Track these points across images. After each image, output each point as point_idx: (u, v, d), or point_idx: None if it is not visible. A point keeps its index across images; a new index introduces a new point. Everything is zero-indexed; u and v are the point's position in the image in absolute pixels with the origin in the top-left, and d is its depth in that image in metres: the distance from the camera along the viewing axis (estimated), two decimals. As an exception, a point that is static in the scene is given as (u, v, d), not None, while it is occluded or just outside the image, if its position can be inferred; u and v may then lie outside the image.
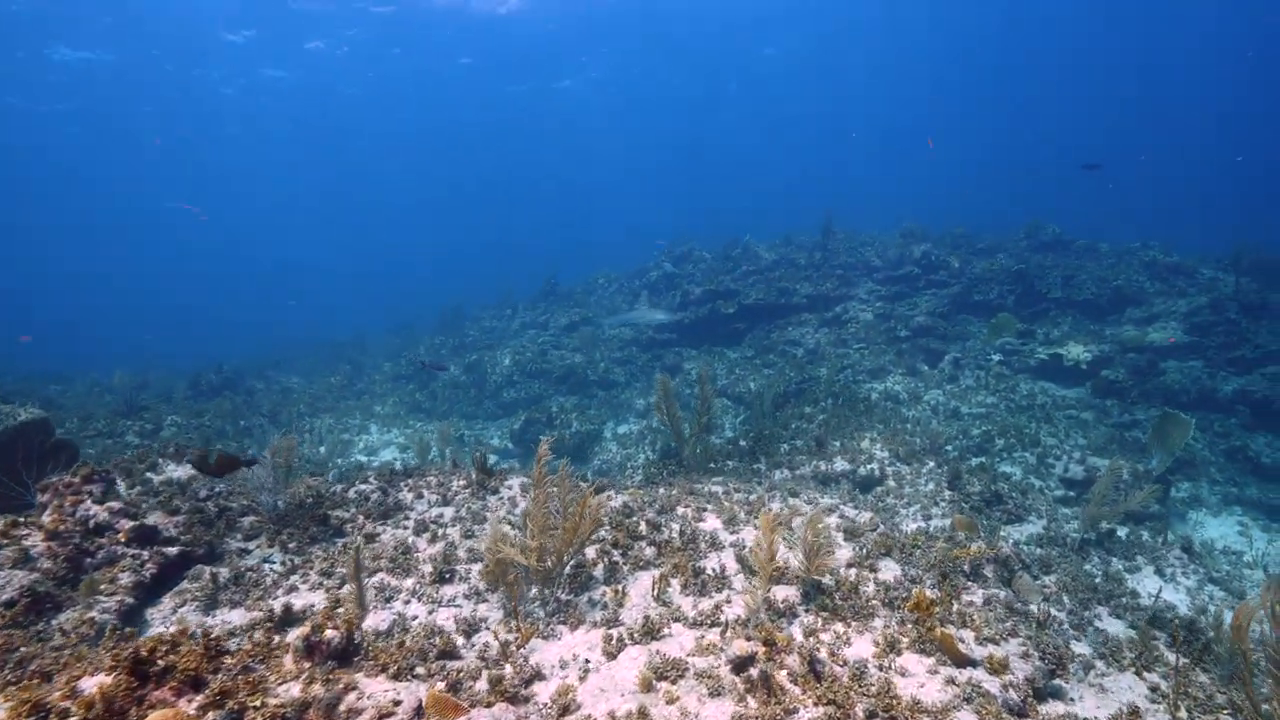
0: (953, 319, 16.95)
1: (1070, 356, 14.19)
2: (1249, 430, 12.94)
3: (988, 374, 14.45)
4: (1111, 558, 7.56)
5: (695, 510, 7.13)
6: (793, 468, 9.59)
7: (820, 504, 7.62)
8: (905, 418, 12.76)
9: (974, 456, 11.32)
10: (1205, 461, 12.00)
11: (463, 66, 41.18)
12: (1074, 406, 13.30)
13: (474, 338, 22.18)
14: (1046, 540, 7.81)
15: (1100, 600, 6.15)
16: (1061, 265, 18.34)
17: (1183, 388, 13.33)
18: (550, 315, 23.19)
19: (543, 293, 24.86)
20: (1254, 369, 13.74)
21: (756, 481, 8.93)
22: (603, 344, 20.41)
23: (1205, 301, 14.95)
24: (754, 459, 10.44)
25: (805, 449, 10.39)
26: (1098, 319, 16.10)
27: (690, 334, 19.64)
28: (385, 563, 5.87)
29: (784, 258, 21.30)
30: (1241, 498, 11.19)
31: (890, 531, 6.93)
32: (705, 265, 22.30)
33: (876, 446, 10.31)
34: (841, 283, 18.98)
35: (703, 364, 16.92)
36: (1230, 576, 7.32)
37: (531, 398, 18.00)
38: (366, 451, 14.95)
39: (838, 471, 9.36)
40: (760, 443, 11.10)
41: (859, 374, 15.40)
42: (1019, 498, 8.98)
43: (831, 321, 17.99)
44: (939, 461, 9.92)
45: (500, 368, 19.31)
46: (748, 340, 18.77)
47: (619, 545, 6.07)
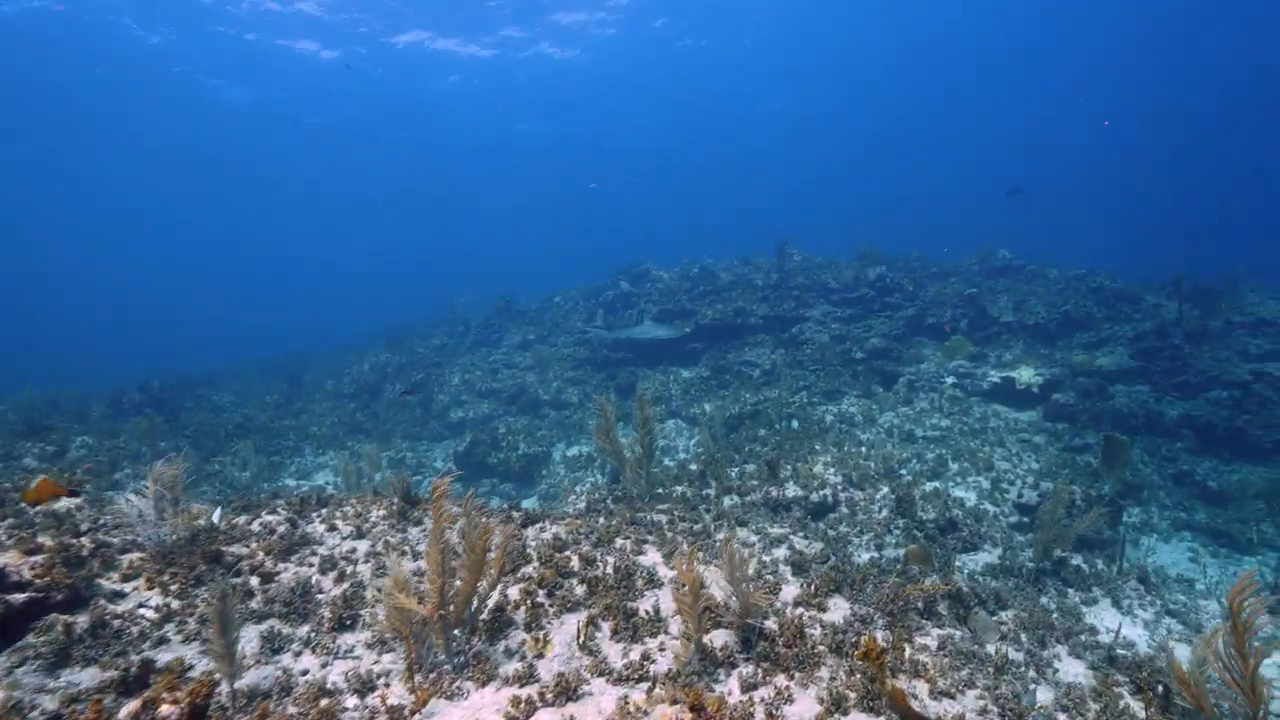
0: (907, 341, 16.90)
1: (1022, 380, 14.18)
2: (1195, 455, 13.04)
3: (941, 397, 14.34)
4: (1068, 589, 7.28)
5: (635, 542, 6.61)
6: (743, 494, 9.15)
7: (769, 534, 7.18)
8: (860, 441, 12.50)
9: (928, 481, 11.06)
10: (1155, 486, 12.00)
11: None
12: (1026, 430, 13.24)
13: (422, 355, 21.35)
14: (1001, 570, 7.51)
15: (1059, 638, 5.82)
16: (1013, 290, 18.55)
17: (1131, 412, 13.40)
18: (504, 333, 22.53)
19: (498, 310, 24.19)
20: (1198, 394, 13.92)
21: (705, 509, 8.46)
22: (556, 363, 19.82)
23: (1150, 327, 15.18)
24: (704, 484, 9.98)
25: (757, 473, 9.98)
26: (1048, 343, 16.22)
27: (646, 354, 19.21)
28: (279, 606, 5.18)
29: (741, 278, 21.13)
30: (1191, 523, 11.17)
31: (841, 564, 6.52)
32: (663, 285, 21.98)
33: (830, 471, 9.96)
34: (798, 304, 18.84)
35: (644, 387, 16.50)
36: (1186, 609, 7.11)
37: (480, 418, 17.29)
38: (298, 475, 14.02)
39: (789, 498, 8.96)
40: (711, 467, 10.66)
41: (814, 396, 15.15)
42: (973, 525, 8.69)
43: (787, 343, 17.78)
44: (893, 487, 9.61)
45: (449, 387, 18.54)
46: (704, 360, 18.42)
47: (546, 584, 5.50)
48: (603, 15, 37.32)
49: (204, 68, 36.74)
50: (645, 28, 39.41)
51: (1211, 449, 13.17)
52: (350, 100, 42.93)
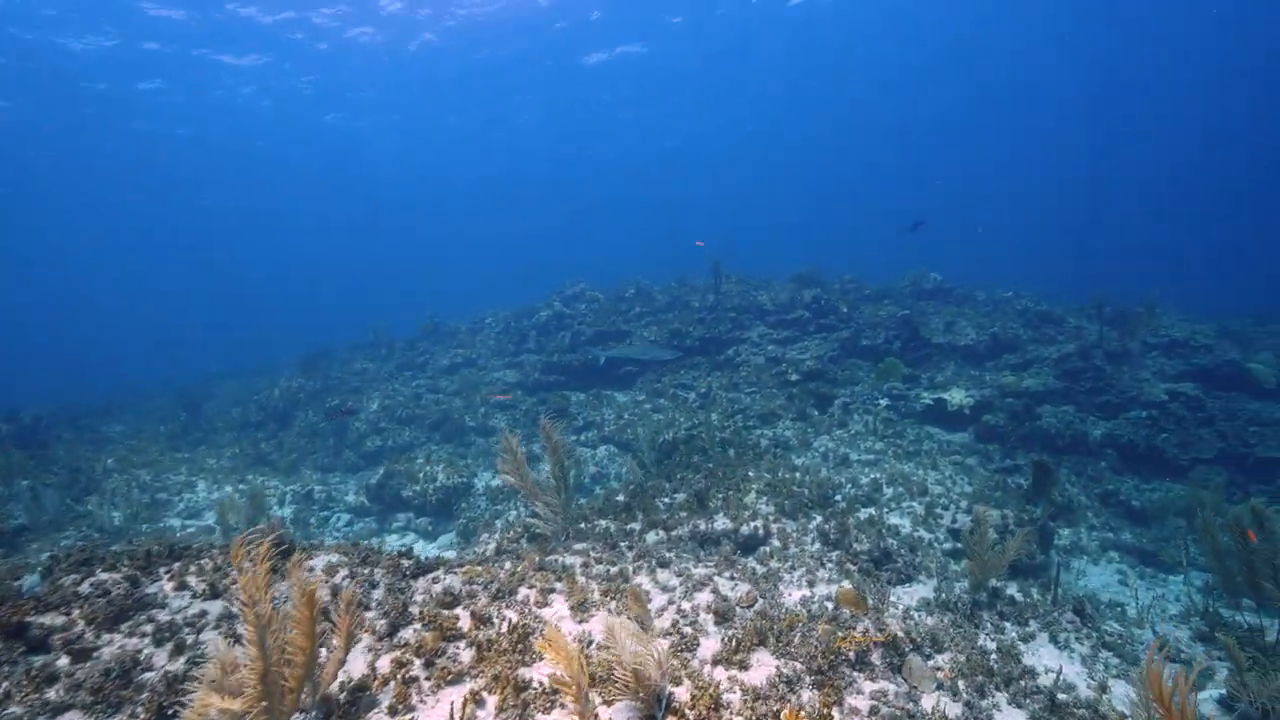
0: (842, 363, 16.77)
1: (953, 402, 14.15)
2: (1118, 474, 13.19)
3: (876, 419, 14.16)
4: (1005, 622, 6.91)
5: (540, 592, 5.87)
6: (670, 527, 8.52)
7: (692, 576, 6.55)
8: (795, 466, 12.09)
9: (863, 507, 10.71)
10: (1083, 507, 12.01)
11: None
12: (959, 451, 13.14)
13: (340, 380, 20.03)
14: (937, 605, 7.09)
15: (998, 685, 5.37)
16: (943, 312, 18.77)
17: (1058, 432, 13.50)
18: (430, 356, 21.44)
19: (425, 331, 23.07)
20: (1119, 414, 14.17)
21: (627, 546, 7.78)
22: (484, 387, 18.88)
23: (1073, 349, 15.48)
24: (631, 517, 9.31)
25: (686, 504, 9.38)
26: (978, 364, 16.36)
27: (579, 376, 18.51)
28: (85, 695, 4.21)
29: (678, 299, 20.76)
30: (1118, 543, 11.16)
31: (769, 608, 5.94)
32: (598, 306, 21.39)
33: (762, 501, 9.46)
34: (734, 325, 18.55)
35: (577, 411, 15.80)
36: (1121, 639, 6.84)
37: (400, 446, 16.18)
38: (186, 514, 12.62)
39: (718, 531, 8.38)
40: (637, 499, 10.01)
41: (750, 420, 14.75)
42: (908, 555, 8.30)
43: (724, 365, 17.41)
44: (826, 516, 9.16)
45: (367, 413, 17.35)
46: (639, 383, 17.86)
47: (425, 651, 4.70)
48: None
49: (131, 77, 34.57)
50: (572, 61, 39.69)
51: (1133, 467, 13.36)
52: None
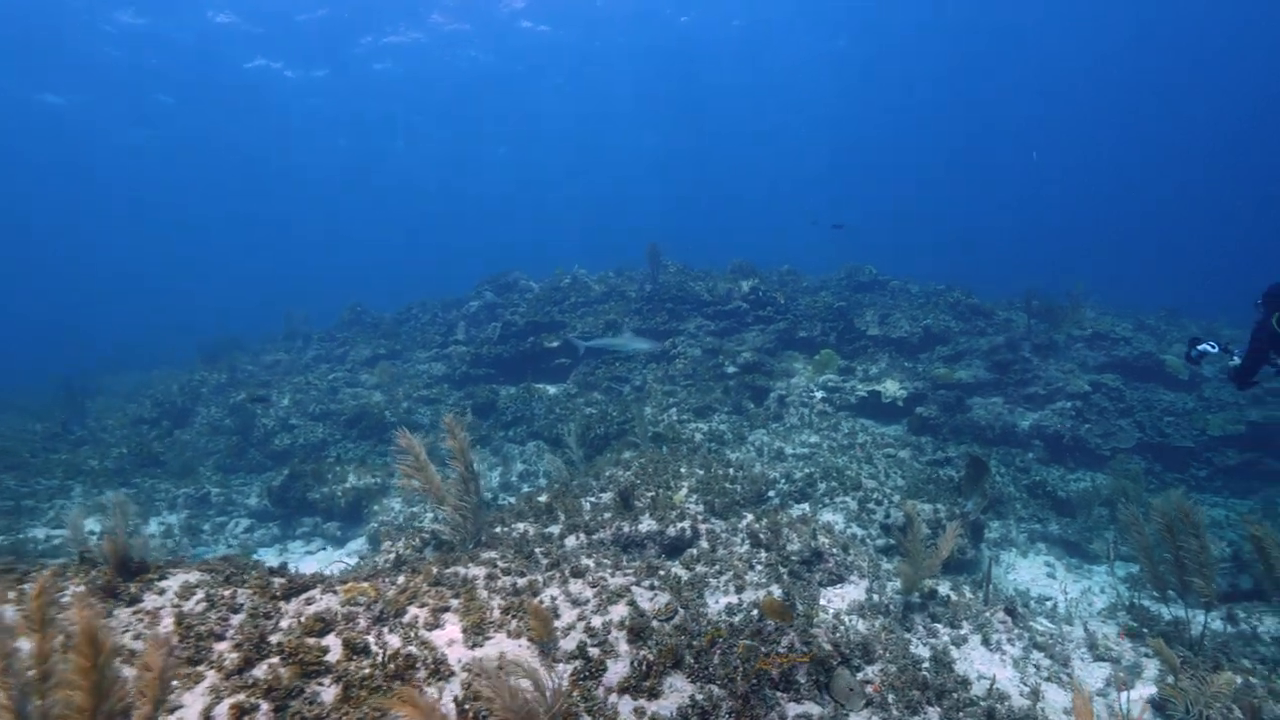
0: (779, 355, 16.51)
1: (888, 393, 14.03)
2: (1045, 464, 13.33)
3: (811, 412, 13.91)
4: (937, 624, 6.60)
5: (432, 611, 5.15)
6: (591, 530, 7.90)
7: (608, 587, 5.95)
8: (729, 461, 11.66)
9: (796, 504, 10.36)
10: (1012, 498, 12.02)
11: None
12: (892, 444, 13.00)
13: (251, 373, 18.57)
14: (869, 607, 6.72)
15: (930, 698, 4.98)
16: (879, 304, 18.78)
17: (988, 424, 13.54)
18: (351, 347, 20.16)
19: (346, 321, 21.73)
20: (1045, 405, 14.35)
21: (543, 552, 7.13)
22: (409, 380, 17.83)
23: (1003, 341, 15.63)
24: (551, 519, 8.65)
25: (611, 504, 8.78)
26: (911, 356, 16.37)
27: (510, 368, 17.69)
28: None
29: (614, 289, 20.14)
30: (1046, 534, 11.19)
31: (689, 622, 5.39)
32: (531, 296, 20.56)
33: (691, 500, 8.95)
34: (671, 317, 18.07)
35: (505, 405, 15.02)
36: (1052, 639, 6.63)
37: (312, 445, 15.02)
38: (55, 523, 11.24)
39: (643, 533, 7.81)
40: (560, 499, 9.36)
41: (685, 413, 14.29)
42: (840, 554, 7.94)
43: (660, 357, 16.89)
44: (758, 514, 8.73)
45: (276, 408, 16.06)
46: (573, 376, 17.16)
47: (277, 692, 3.94)
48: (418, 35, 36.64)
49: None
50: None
51: (1059, 458, 13.54)
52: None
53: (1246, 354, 7.47)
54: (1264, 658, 6.44)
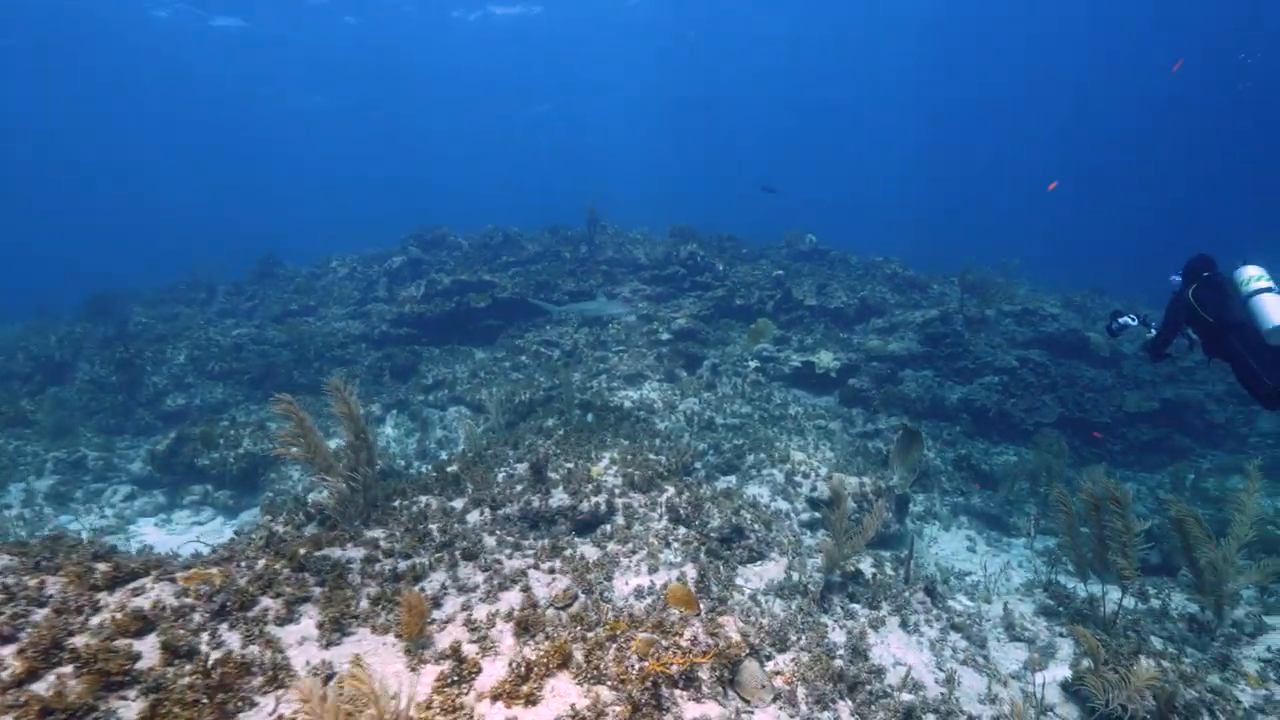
0: (715, 323, 16.07)
1: (821, 364, 13.79)
2: (970, 438, 13.40)
3: (744, 381, 13.56)
4: (856, 605, 6.30)
5: (288, 602, 4.45)
6: (499, 504, 7.27)
7: (503, 570, 5.35)
8: (656, 431, 11.18)
9: (723, 476, 9.98)
10: (938, 471, 12.01)
11: None
12: (824, 416, 12.80)
13: (144, 326, 16.92)
14: (787, 588, 6.36)
15: (843, 691, 4.62)
16: (818, 274, 18.52)
17: (918, 396, 13.49)
18: (260, 301, 18.67)
19: (257, 274, 20.11)
20: (973, 379, 14.42)
21: (440, 529, 6.46)
22: (321, 338, 16.61)
23: (936, 314, 15.61)
24: (457, 491, 7.97)
25: (524, 477, 8.15)
26: (847, 327, 16.20)
27: (434, 329, 16.69)
28: None
29: (549, 250, 19.23)
30: (968, 507, 11.20)
31: (589, 610, 4.85)
32: (460, 253, 19.44)
33: (611, 471, 8.41)
34: (606, 280, 17.35)
35: (427, 369, 14.11)
36: (969, 619, 6.44)
37: (210, 406, 13.79)
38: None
39: (554, 508, 7.23)
40: (470, 470, 8.68)
41: (615, 380, 13.71)
42: (762, 530, 7.57)
43: (593, 321, 16.21)
44: (679, 487, 8.27)
45: (172, 365, 14.66)
46: (501, 339, 16.32)
47: (57, 713, 3.19)
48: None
49: None
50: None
51: (984, 431, 13.63)
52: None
53: (1161, 326, 7.35)
54: (1172, 635, 6.42)
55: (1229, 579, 5.72)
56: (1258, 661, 5.95)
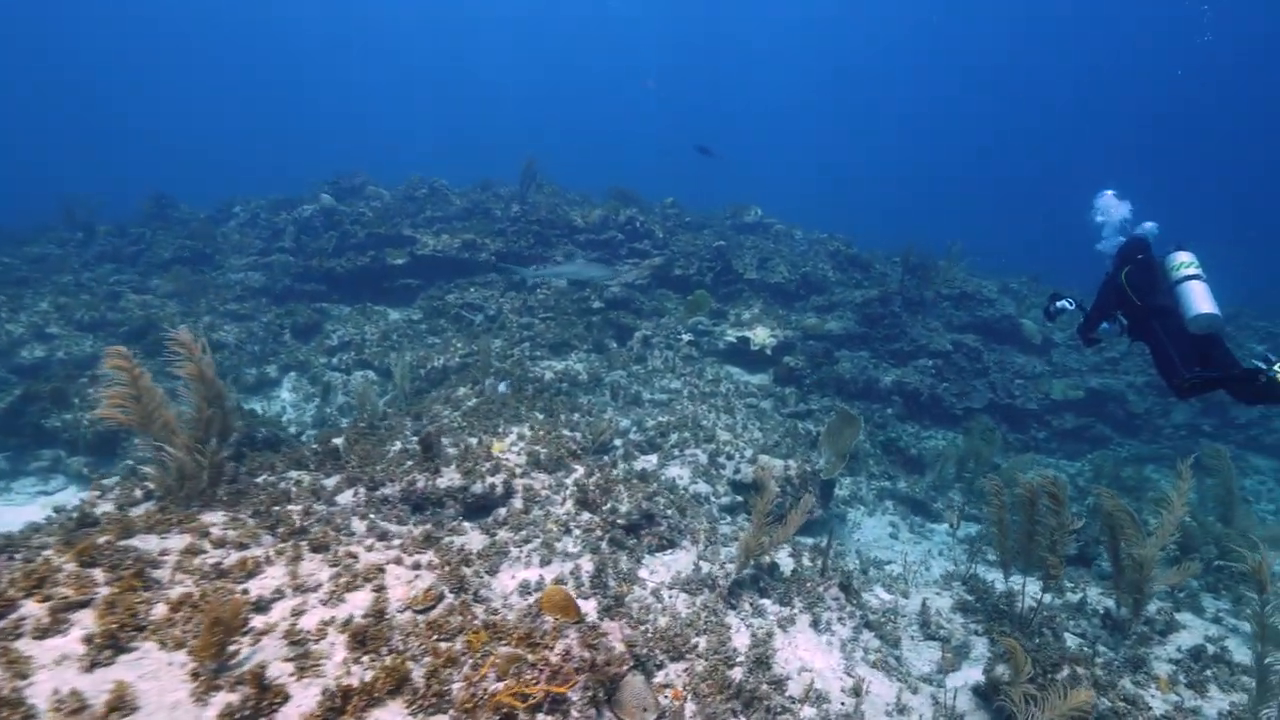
0: (651, 292, 15.35)
1: (757, 340, 13.28)
2: (901, 420, 13.19)
3: (676, 355, 12.92)
4: (766, 600, 5.77)
5: (54, 610, 3.53)
6: (377, 484, 6.40)
7: (355, 566, 4.53)
8: (577, 405, 10.43)
9: (644, 454, 9.33)
10: (866, 454, 11.71)
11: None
12: (755, 394, 12.31)
13: (4, 267, 14.98)
14: (695, 582, 5.78)
15: (737, 709, 4.05)
16: (760, 248, 17.98)
17: (852, 377, 13.15)
18: (147, 246, 16.88)
19: (148, 214, 18.18)
20: (908, 361, 14.20)
21: (302, 512, 5.58)
22: (216, 290, 15.11)
23: (876, 294, 15.30)
24: (338, 466, 7.06)
25: (415, 453, 7.29)
26: (786, 304, 15.75)
27: (345, 286, 15.40)
28: None
29: (478, 206, 18.03)
30: (894, 492, 10.94)
31: (453, 614, 4.10)
32: (380, 204, 18.02)
33: (514, 450, 7.62)
34: (538, 241, 16.33)
35: (333, 328, 12.94)
36: (884, 616, 6.02)
37: (77, 361, 12.24)
38: None
39: (442, 489, 6.41)
40: (359, 442, 7.76)
41: (539, 349, 12.85)
42: (675, 516, 6.96)
43: (521, 285, 15.23)
44: (591, 468, 7.58)
45: (32, 313, 12.98)
46: (420, 300, 15.17)
47: None
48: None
49: None
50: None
51: (915, 415, 13.44)
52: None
53: (1092, 307, 7.19)
54: (1086, 632, 6.16)
55: (1151, 578, 5.41)
56: (1168, 663, 5.73)
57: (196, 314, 13.93)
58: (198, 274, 16.32)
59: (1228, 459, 7.71)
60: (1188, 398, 6.24)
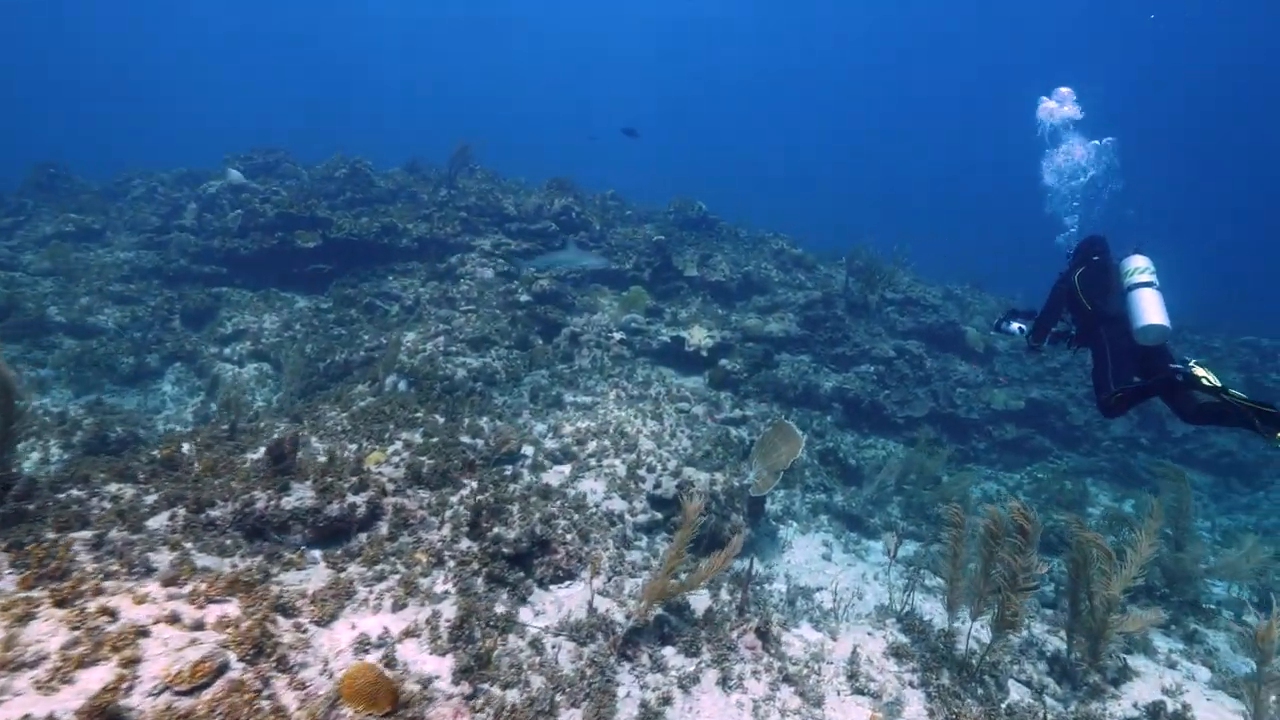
0: (584, 287, 14.39)
1: (693, 341, 12.46)
2: (841, 429, 12.58)
3: (606, 354, 12.00)
4: (667, 651, 4.90)
5: None
6: (203, 505, 5.26)
7: (114, 625, 3.45)
8: (488, 409, 9.40)
9: (556, 464, 8.37)
10: (802, 465, 11.01)
11: None
12: (688, 398, 11.47)
13: None
14: (587, 627, 4.87)
15: (604, 820, 3.14)
16: (703, 244, 17.21)
17: (792, 382, 12.46)
18: (31, 218, 15.08)
19: (34, 184, 16.29)
20: (850, 367, 13.63)
21: (89, 543, 4.43)
22: (102, 269, 13.49)
23: (819, 296, 14.69)
24: (172, 479, 5.88)
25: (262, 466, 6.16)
26: (727, 303, 15.00)
27: (249, 269, 13.97)
28: None
29: (404, 189, 16.76)
30: (829, 506, 10.26)
31: (232, 694, 3.07)
32: (297, 183, 16.56)
33: (393, 461, 6.57)
34: (465, 228, 15.18)
35: (228, 314, 11.61)
36: (807, 666, 5.21)
37: (-86, 344, 10.54)
38: None
39: (288, 511, 5.32)
40: (208, 448, 6.59)
41: (457, 343, 11.76)
42: (576, 543, 6.03)
43: (444, 275, 14.07)
44: (485, 482, 6.59)
45: None
46: (333, 287, 13.85)
47: None
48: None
49: None
50: None
51: (855, 423, 12.86)
52: None
53: (1042, 309, 6.73)
54: (1032, 680, 5.49)
55: (1113, 624, 4.75)
56: (1122, 720, 5.10)
57: (74, 294, 12.33)
58: (82, 251, 14.63)
59: (1185, 481, 7.19)
60: (1112, 415, 5.79)
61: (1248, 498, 13.80)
